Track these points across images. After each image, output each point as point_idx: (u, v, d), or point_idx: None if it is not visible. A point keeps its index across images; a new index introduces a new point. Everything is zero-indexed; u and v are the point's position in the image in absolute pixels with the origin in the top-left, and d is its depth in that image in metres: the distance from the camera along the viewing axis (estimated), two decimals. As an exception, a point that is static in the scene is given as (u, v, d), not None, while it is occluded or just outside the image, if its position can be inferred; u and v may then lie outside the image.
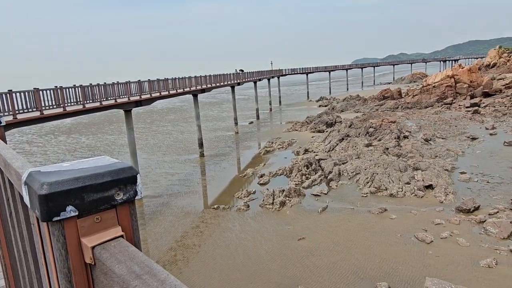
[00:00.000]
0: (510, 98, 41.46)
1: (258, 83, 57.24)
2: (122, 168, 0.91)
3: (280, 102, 71.68)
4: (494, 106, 38.94)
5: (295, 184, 20.70)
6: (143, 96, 24.55)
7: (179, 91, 30.10)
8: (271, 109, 62.51)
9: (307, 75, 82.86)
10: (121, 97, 22.66)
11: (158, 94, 26.76)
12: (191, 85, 31.87)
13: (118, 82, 22.69)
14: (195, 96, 32.95)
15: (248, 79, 51.88)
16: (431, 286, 9.31)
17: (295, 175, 21.90)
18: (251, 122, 50.17)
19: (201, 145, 31.52)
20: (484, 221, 14.08)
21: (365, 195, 18.46)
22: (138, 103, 24.09)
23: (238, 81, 46.14)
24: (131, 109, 23.27)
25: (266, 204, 18.15)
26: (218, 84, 39.08)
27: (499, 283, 10.36)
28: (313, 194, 19.14)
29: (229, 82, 42.87)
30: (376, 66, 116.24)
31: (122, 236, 0.92)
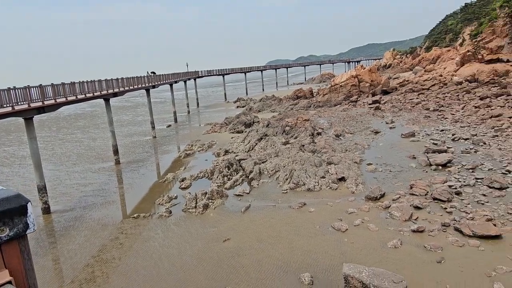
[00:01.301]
0: (404, 95, 46.57)
1: (174, 85, 56.00)
2: (6, 197, 0.72)
3: (198, 104, 71.07)
4: (391, 103, 43.35)
5: (217, 185, 20.71)
6: (46, 102, 22.34)
7: (88, 95, 28.06)
8: (189, 112, 61.65)
9: (223, 76, 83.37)
10: (19, 103, 20.34)
11: (64, 99, 24.59)
12: (101, 89, 29.90)
13: (14, 87, 20.32)
14: (106, 100, 31.01)
15: (164, 82, 50.46)
16: (348, 271, 10.02)
17: (217, 177, 21.91)
18: (169, 126, 48.91)
19: (116, 152, 29.80)
20: (389, 207, 15.62)
21: (285, 191, 19.20)
22: (41, 110, 21.87)
23: (153, 83, 44.60)
24: (33, 117, 21.03)
25: (189, 208, 17.86)
26: (131, 87, 37.30)
27: (404, 261, 11.58)
28: (236, 195, 19.35)
29: (143, 85, 41.20)
30: (289, 67, 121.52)
31: (10, 282, 0.75)
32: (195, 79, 73.51)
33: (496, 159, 20.08)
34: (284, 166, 22.46)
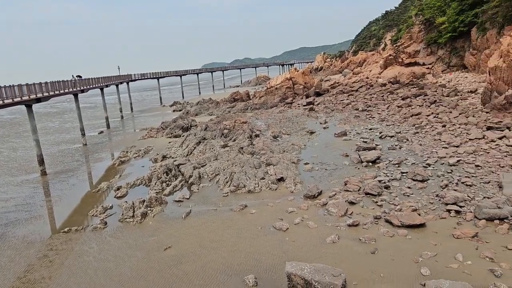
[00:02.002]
0: (335, 97, 49.03)
1: (106, 89, 53.25)
2: None
3: (131, 108, 68.30)
4: (324, 104, 45.39)
5: (156, 192, 20.07)
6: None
7: (6, 101, 25.60)
8: (122, 117, 59.01)
9: (158, 80, 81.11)
10: None
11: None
12: (22, 94, 27.42)
13: None
14: (29, 107, 28.48)
15: (94, 86, 47.72)
16: (291, 269, 10.27)
17: (155, 183, 21.22)
18: (101, 132, 46.35)
19: (41, 162, 27.50)
20: (326, 204, 16.31)
21: (226, 194, 19.18)
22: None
23: (82, 88, 41.96)
24: None
25: (126, 218, 17.06)
26: (57, 92, 34.74)
27: (342, 254, 12.16)
28: (176, 201, 18.90)
29: (71, 90, 38.57)
30: (225, 70, 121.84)
31: None
32: (128, 83, 70.56)
33: (418, 154, 21.92)
34: (224, 169, 22.42)
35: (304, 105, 46.12)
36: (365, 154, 22.31)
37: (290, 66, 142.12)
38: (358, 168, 20.98)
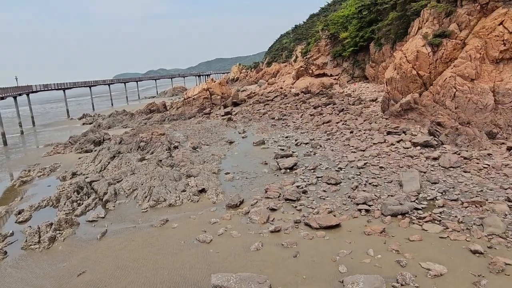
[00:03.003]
0: (252, 106, 50.30)
1: (1, 102, 47.52)
2: None
3: (33, 122, 61.91)
4: (242, 114, 46.26)
5: (66, 213, 18.38)
6: None
7: None
8: (22, 132, 53.13)
9: (64, 91, 74.94)
10: None
11: None
12: None
13: None
14: None
15: (-15, 98, 42.27)
16: (216, 281, 10.18)
17: (64, 204, 19.42)
18: (-4, 150, 41.09)
19: None
20: (249, 212, 16.53)
21: (145, 210, 18.35)
22: None
23: (-30, 100, 36.87)
24: None
25: (30, 245, 15.30)
26: None
27: (266, 261, 12.40)
28: (89, 221, 17.51)
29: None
30: (139, 80, 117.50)
31: None
32: (28, 95, 63.90)
33: (331, 159, 23.46)
34: (142, 184, 21.46)
35: (222, 115, 46.45)
36: (283, 161, 23.19)
37: (206, 76, 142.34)
38: (277, 175, 21.71)
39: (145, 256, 13.62)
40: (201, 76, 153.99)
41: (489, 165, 19.13)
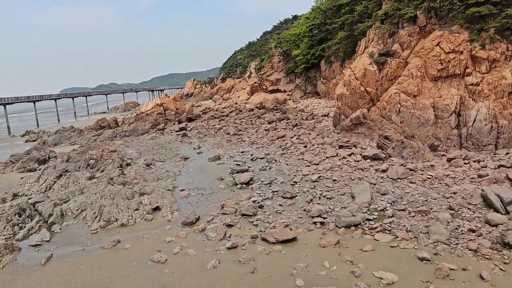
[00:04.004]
0: (207, 122, 50.08)
1: None
2: None
3: (-32, 140, 57.11)
4: (197, 129, 45.85)
5: (5, 238, 16.99)
6: None
7: None
8: (-46, 151, 48.75)
9: (4, 106, 70.20)
10: None
11: None
12: None
13: None
14: None
15: None
16: (173, 302, 9.83)
17: (4, 228, 17.92)
18: None
19: None
20: (205, 229, 16.25)
21: (95, 231, 17.43)
22: None
23: None
24: None
25: (-37, 275, 13.90)
26: None
27: (223, 278, 12.21)
28: (32, 245, 16.27)
29: None
30: (88, 95, 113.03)
31: None
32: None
33: (286, 173, 23.81)
34: (91, 204, 20.41)
35: (176, 131, 45.74)
36: (239, 176, 23.17)
37: (160, 92, 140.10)
38: (233, 191, 21.62)
39: (95, 280, 12.87)
40: (155, 91, 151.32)
41: (432, 175, 20.39)
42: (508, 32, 26.17)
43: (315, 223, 16.09)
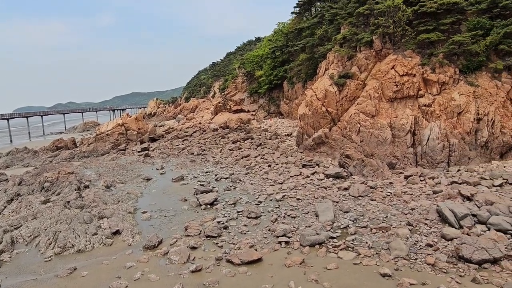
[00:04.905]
0: (171, 142, 49.34)
1: None
2: None
3: None
4: (160, 149, 44.99)
5: None
6: None
7: None
8: None
9: (-51, 126, 65.57)
10: None
11: None
12: None
13: None
14: None
15: None
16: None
17: None
18: None
19: None
20: (168, 252, 15.77)
21: (49, 258, 16.42)
22: None
23: None
24: None
25: None
26: None
27: (187, 303, 11.82)
28: (-22, 277, 15.06)
29: None
30: (44, 115, 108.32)
31: None
32: None
33: (250, 193, 23.77)
34: (45, 229, 19.27)
35: (139, 151, 44.62)
36: (203, 197, 22.85)
37: (122, 111, 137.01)
38: (198, 212, 21.25)
39: (48, 312, 12.05)
40: (116, 111, 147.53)
41: (391, 193, 21.14)
42: (455, 57, 28.18)
43: (280, 242, 16.09)
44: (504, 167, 24.24)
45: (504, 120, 26.35)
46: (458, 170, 24.32)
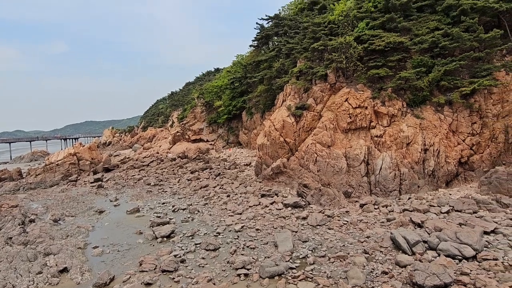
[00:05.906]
0: (126, 172, 47.71)
1: None
2: None
3: None
4: (114, 180, 43.28)
5: None
6: None
7: None
8: None
9: None
10: None
11: None
12: None
13: None
14: None
15: None
16: None
17: None
18: None
19: None
20: (120, 290, 14.89)
21: (-15, 302, 14.92)
22: None
23: None
24: None
25: None
26: None
27: None
28: None
29: None
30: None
31: None
32: None
33: (209, 224, 23.29)
34: (-18, 269, 17.57)
35: (91, 182, 42.62)
36: (160, 229, 22.07)
37: (74, 140, 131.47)
38: (153, 245, 20.41)
39: None
40: (68, 140, 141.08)
41: (347, 221, 21.60)
42: (402, 91, 30.15)
43: (239, 275, 15.74)
44: (450, 194, 25.74)
45: (448, 151, 28.22)
46: (409, 198, 25.43)
